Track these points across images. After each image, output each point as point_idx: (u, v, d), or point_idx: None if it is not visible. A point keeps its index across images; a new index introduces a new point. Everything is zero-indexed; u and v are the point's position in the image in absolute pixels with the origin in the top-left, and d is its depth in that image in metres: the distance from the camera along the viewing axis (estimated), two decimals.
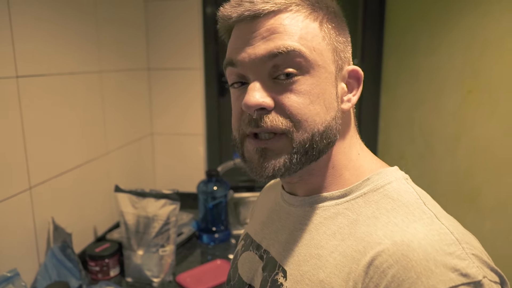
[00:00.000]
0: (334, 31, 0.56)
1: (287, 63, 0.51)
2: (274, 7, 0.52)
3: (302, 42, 0.52)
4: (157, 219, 1.30)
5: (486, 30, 1.38)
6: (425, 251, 0.45)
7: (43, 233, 1.23)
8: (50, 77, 1.25)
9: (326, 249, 0.53)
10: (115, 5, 1.65)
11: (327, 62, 0.54)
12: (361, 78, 0.58)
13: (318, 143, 0.53)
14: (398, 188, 0.54)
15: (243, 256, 0.68)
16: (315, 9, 0.55)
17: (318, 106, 0.52)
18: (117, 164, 1.67)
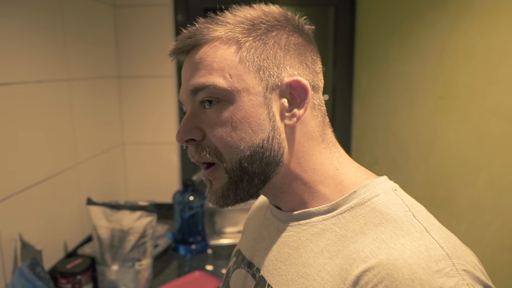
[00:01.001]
0: (261, 49, 0.54)
1: (207, 96, 0.54)
2: (194, 41, 0.55)
3: (218, 73, 0.53)
4: (133, 232, 1.25)
5: (455, 40, 1.42)
6: (411, 270, 0.43)
7: (10, 251, 1.15)
8: (15, 86, 1.18)
9: (313, 267, 0.51)
10: (82, 11, 1.59)
11: (250, 84, 0.53)
12: (306, 87, 0.55)
13: (250, 167, 0.54)
14: (386, 200, 0.52)
15: (235, 273, 0.66)
16: (236, 31, 0.54)
17: (242, 132, 0.53)
18: (87, 175, 1.61)
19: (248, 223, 0.74)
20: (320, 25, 2.25)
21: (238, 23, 0.54)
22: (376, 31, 1.97)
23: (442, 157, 1.52)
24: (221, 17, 0.56)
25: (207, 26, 0.55)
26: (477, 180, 1.35)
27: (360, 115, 2.17)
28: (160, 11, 1.88)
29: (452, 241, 0.48)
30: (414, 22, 1.65)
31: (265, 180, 0.55)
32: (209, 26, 0.55)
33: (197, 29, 0.55)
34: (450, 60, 1.45)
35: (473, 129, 1.36)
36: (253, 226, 0.69)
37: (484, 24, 1.29)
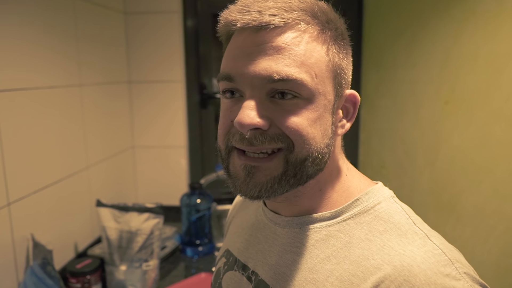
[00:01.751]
0: (338, 56, 0.53)
1: (287, 88, 0.49)
2: (281, 22, 0.49)
3: (304, 69, 0.49)
4: (140, 233, 1.28)
5: (460, 45, 1.43)
6: (426, 275, 0.46)
7: (22, 250, 1.19)
8: (29, 91, 1.23)
9: (321, 273, 0.52)
10: (95, 18, 1.64)
11: (328, 89, 0.52)
12: (358, 102, 0.57)
13: (309, 167, 0.52)
14: (388, 208, 0.55)
15: (227, 275, 0.65)
16: (324, 30, 0.52)
17: (315, 131, 0.51)
18: (98, 178, 1.65)
19: (234, 222, 0.73)
20: None
21: (324, 21, 0.52)
22: (382, 36, 1.98)
23: (447, 161, 1.52)
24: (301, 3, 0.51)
25: (291, 9, 0.50)
26: (482, 184, 1.35)
27: (368, 119, 2.18)
28: (170, 18, 1.93)
29: (448, 245, 0.52)
30: (419, 28, 1.66)
31: (305, 182, 0.53)
32: (294, 10, 0.50)
33: (280, 9, 0.50)
34: (455, 65, 1.46)
35: (477, 133, 1.36)
36: (243, 226, 0.68)
37: (488, 29, 1.30)
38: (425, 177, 1.66)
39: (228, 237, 0.72)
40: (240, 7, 0.51)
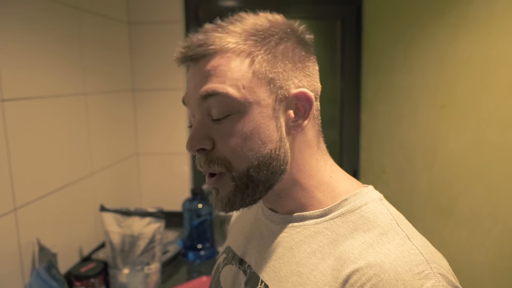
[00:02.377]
0: (272, 61, 0.56)
1: (218, 104, 0.55)
2: (206, 51, 0.55)
3: (229, 83, 0.54)
4: (142, 237, 1.32)
5: (454, 48, 1.45)
6: (395, 272, 0.49)
7: (28, 254, 1.23)
8: (35, 100, 1.28)
9: (306, 266, 0.56)
10: (99, 28, 1.70)
11: (261, 97, 0.55)
12: (311, 99, 0.58)
13: (256, 175, 0.56)
14: (373, 209, 0.57)
15: (225, 269, 0.69)
16: (249, 43, 0.56)
17: (252, 142, 0.55)
18: (102, 184, 1.69)
19: (237, 222, 0.77)
20: (328, 37, 2.31)
21: (249, 35, 0.56)
22: (381, 41, 2.01)
23: (444, 164, 1.54)
24: (231, 27, 0.57)
25: (219, 36, 0.56)
26: (477, 187, 1.37)
27: (368, 125, 2.20)
28: (172, 27, 1.98)
29: (430, 248, 0.54)
30: (416, 32, 1.69)
31: (269, 187, 0.58)
32: (220, 36, 0.56)
33: (208, 37, 0.56)
34: (450, 69, 1.48)
35: (472, 137, 1.38)
36: (244, 225, 0.72)
37: (480, 33, 1.33)
38: (423, 181, 1.68)
39: (230, 235, 0.77)
40: (180, 47, 0.58)
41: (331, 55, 2.26)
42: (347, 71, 2.23)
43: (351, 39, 2.19)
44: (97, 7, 1.67)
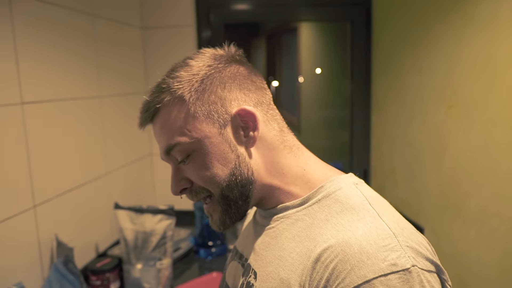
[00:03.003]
0: (202, 97, 0.62)
1: (178, 152, 0.63)
2: (150, 114, 0.64)
3: (178, 132, 0.62)
4: (155, 234, 1.37)
5: (460, 50, 1.47)
6: (360, 246, 0.52)
7: (47, 249, 1.30)
8: (53, 103, 1.34)
9: (286, 250, 0.60)
10: (113, 33, 1.76)
11: (207, 130, 0.62)
12: (251, 112, 0.63)
13: (230, 194, 0.64)
14: (347, 192, 0.61)
15: (230, 265, 0.76)
16: (175, 94, 0.62)
17: (215, 169, 0.62)
18: (118, 183, 1.75)
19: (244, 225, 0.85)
20: (338, 39, 2.33)
21: (178, 84, 0.63)
22: (390, 43, 2.03)
23: (452, 164, 1.55)
24: (163, 84, 0.64)
25: (155, 95, 0.64)
26: (484, 186, 1.38)
27: (378, 125, 2.22)
28: (184, 31, 2.03)
29: (402, 225, 0.57)
30: (423, 34, 1.71)
31: (246, 199, 0.65)
32: (157, 95, 0.64)
33: (149, 101, 0.64)
34: (457, 70, 1.49)
35: (479, 136, 1.39)
36: (247, 226, 0.80)
37: (485, 35, 1.34)
38: (432, 181, 1.69)
39: (238, 238, 0.83)
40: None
41: (341, 57, 2.29)
42: (357, 72, 2.25)
43: (361, 41, 2.21)
44: (111, 14, 1.74)
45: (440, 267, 0.55)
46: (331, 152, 2.46)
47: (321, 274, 0.53)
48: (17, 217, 1.18)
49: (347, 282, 0.50)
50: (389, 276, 0.49)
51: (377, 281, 0.49)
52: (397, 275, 0.49)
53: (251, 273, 0.65)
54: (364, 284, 0.49)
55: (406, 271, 0.50)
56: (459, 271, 1.54)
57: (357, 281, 0.49)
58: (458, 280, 1.54)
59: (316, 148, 0.82)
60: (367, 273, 0.49)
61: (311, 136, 2.41)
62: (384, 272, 0.49)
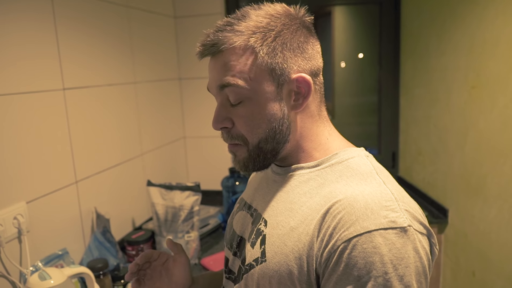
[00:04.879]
0: (272, 53, 0.66)
1: (232, 93, 0.67)
2: (218, 49, 0.67)
3: (240, 76, 0.66)
4: (183, 209, 1.48)
5: (483, 30, 1.46)
6: (366, 202, 0.59)
7: (88, 220, 1.45)
8: (91, 89, 1.48)
9: (297, 204, 0.68)
10: (147, 23, 1.88)
11: (265, 84, 0.66)
12: (309, 81, 0.68)
13: (265, 146, 0.69)
14: (358, 161, 0.69)
15: (238, 215, 0.83)
16: (251, 40, 0.66)
17: (260, 121, 0.67)
18: (152, 164, 1.89)
19: (252, 179, 0.91)
20: (368, 24, 2.34)
21: (251, 33, 0.66)
22: (416, 25, 2.02)
23: (475, 145, 1.55)
24: (237, 26, 0.66)
25: (227, 36, 0.66)
26: (504, 166, 1.38)
27: (406, 108, 2.22)
28: (214, 19, 2.10)
29: (403, 194, 0.64)
30: (448, 14, 1.70)
31: (276, 154, 0.71)
32: (228, 36, 0.66)
33: (218, 37, 0.66)
34: (479, 49, 1.49)
35: (500, 116, 1.39)
36: (256, 180, 0.86)
37: (508, 14, 1.33)
38: (456, 162, 1.70)
39: (245, 191, 0.90)
40: (198, 44, 0.70)
41: (373, 42, 2.29)
42: (386, 55, 2.25)
43: (389, 24, 2.21)
44: (145, 4, 1.85)
45: (431, 231, 0.62)
46: (361, 137, 2.49)
47: (329, 223, 0.61)
48: (62, 191, 1.33)
49: (351, 230, 0.58)
50: (388, 230, 0.57)
51: (377, 233, 0.56)
52: (394, 231, 0.57)
53: (261, 221, 0.72)
54: (365, 233, 0.57)
55: (403, 229, 0.57)
56: (481, 249, 1.55)
57: (360, 230, 0.57)
58: (481, 258, 1.55)
59: (348, 134, 0.90)
60: (369, 225, 0.57)
61: (344, 122, 2.44)
62: (384, 226, 0.57)
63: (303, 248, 0.63)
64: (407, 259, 0.56)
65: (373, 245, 0.56)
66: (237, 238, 0.79)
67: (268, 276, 0.66)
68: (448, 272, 1.83)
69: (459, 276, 1.73)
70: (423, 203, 2.02)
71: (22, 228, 1.14)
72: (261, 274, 0.67)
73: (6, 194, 1.12)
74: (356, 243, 0.57)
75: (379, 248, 0.56)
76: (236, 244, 0.78)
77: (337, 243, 0.58)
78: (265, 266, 0.67)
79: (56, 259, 1.27)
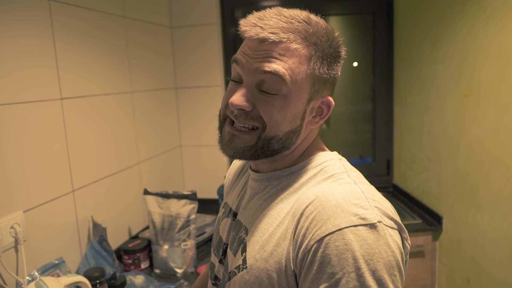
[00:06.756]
0: (320, 69, 0.68)
1: (271, 82, 0.66)
2: (278, 39, 0.65)
3: (289, 72, 0.66)
4: (179, 217, 1.49)
5: (473, 40, 1.49)
6: (336, 201, 0.61)
7: (84, 228, 1.45)
8: (88, 98, 1.49)
9: (275, 210, 0.70)
10: (144, 33, 1.90)
11: (303, 92, 0.68)
12: (331, 106, 0.72)
13: (274, 144, 0.70)
14: (332, 164, 0.72)
15: (223, 221, 0.85)
16: (311, 48, 0.67)
17: (284, 118, 0.68)
18: (148, 172, 1.90)
19: (233, 180, 0.93)
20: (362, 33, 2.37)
21: (312, 42, 0.67)
22: (410, 33, 2.05)
23: (467, 152, 1.58)
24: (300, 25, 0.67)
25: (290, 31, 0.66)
26: (496, 173, 1.40)
27: (400, 116, 2.25)
28: (210, 29, 2.14)
29: (373, 192, 0.66)
30: (439, 23, 1.73)
31: (273, 155, 0.72)
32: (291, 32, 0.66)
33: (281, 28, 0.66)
34: (470, 58, 1.52)
35: (491, 124, 1.42)
36: (239, 185, 0.87)
37: (497, 23, 1.36)
38: (449, 169, 1.72)
39: (229, 194, 0.92)
40: (251, 21, 0.68)
41: (366, 51, 2.33)
42: (380, 64, 2.28)
43: (382, 33, 2.25)
44: (142, 14, 1.87)
45: (401, 226, 0.64)
46: (356, 145, 2.51)
47: (302, 223, 0.63)
48: (59, 200, 1.33)
49: (323, 229, 0.59)
50: (358, 227, 0.59)
51: (348, 230, 0.58)
52: (365, 227, 0.59)
53: (242, 229, 0.75)
54: (337, 231, 0.59)
55: (373, 225, 0.59)
56: (474, 256, 1.57)
57: (331, 229, 0.59)
58: (473, 264, 1.57)
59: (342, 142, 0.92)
60: (340, 223, 0.59)
61: (339, 131, 2.47)
62: (354, 223, 0.59)
63: (282, 252, 0.64)
64: (379, 253, 0.58)
65: (345, 242, 0.58)
66: (224, 245, 0.81)
67: (249, 282, 0.67)
68: (443, 279, 1.84)
69: (453, 283, 1.74)
70: (418, 211, 2.04)
71: (19, 237, 1.15)
72: (242, 281, 0.69)
73: (4, 203, 1.13)
74: (329, 241, 0.58)
75: (350, 245, 0.57)
76: (222, 252, 0.80)
77: (310, 243, 0.60)
78: (246, 273, 0.68)
79: (53, 268, 1.27)
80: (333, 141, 2.36)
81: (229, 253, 0.76)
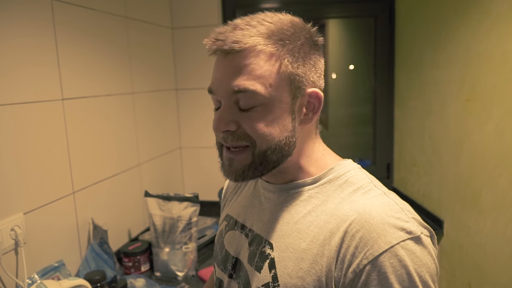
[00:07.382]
0: (293, 65, 0.65)
1: (246, 99, 0.64)
2: (240, 48, 0.63)
3: (260, 81, 0.63)
4: (181, 220, 1.48)
5: (477, 44, 1.49)
6: (381, 217, 0.61)
7: (85, 231, 1.43)
8: (90, 99, 1.47)
9: (304, 224, 0.68)
10: (145, 34, 1.88)
11: (282, 94, 0.65)
12: (321, 98, 0.69)
13: (271, 156, 0.67)
14: (355, 175, 0.70)
15: (228, 234, 0.81)
16: (277, 45, 0.64)
17: (272, 129, 0.65)
18: (148, 174, 1.88)
19: (233, 191, 0.89)
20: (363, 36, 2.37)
21: (278, 39, 0.64)
22: (412, 37, 2.05)
23: (470, 157, 1.57)
24: (261, 28, 0.64)
25: (251, 36, 0.63)
26: (500, 177, 1.40)
27: (401, 119, 2.24)
28: (211, 30, 2.13)
29: (401, 201, 0.67)
30: (442, 27, 1.73)
31: (276, 166, 0.69)
32: (253, 36, 0.63)
33: (241, 35, 0.63)
34: (474, 63, 1.52)
35: (495, 129, 1.41)
36: (243, 196, 0.84)
37: (501, 27, 1.36)
38: (451, 173, 1.72)
39: (229, 206, 0.88)
40: (213, 36, 0.67)
41: (367, 54, 2.33)
42: (380, 67, 2.28)
43: (384, 36, 2.24)
44: (143, 15, 1.86)
45: (432, 232, 0.65)
46: (356, 148, 2.50)
47: (348, 242, 0.61)
48: (59, 202, 1.31)
49: (376, 248, 0.59)
50: (406, 241, 0.59)
51: (399, 246, 0.59)
52: (412, 241, 0.60)
53: (265, 244, 0.71)
54: (390, 248, 0.59)
55: (418, 238, 0.61)
56: (476, 261, 1.56)
57: (384, 247, 0.59)
58: (477, 270, 1.56)
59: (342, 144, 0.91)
60: (391, 239, 0.59)
61: (338, 133, 2.46)
62: (403, 238, 0.60)
63: (321, 270, 0.63)
64: (425, 264, 0.60)
65: (398, 258, 0.58)
66: (232, 259, 0.78)
67: None
68: (444, 283, 1.84)
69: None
70: (418, 215, 2.03)
71: (19, 240, 1.13)
72: None
73: (4, 205, 1.11)
74: (383, 259, 0.59)
75: (404, 261, 0.58)
76: (231, 266, 0.77)
77: (363, 262, 0.59)
78: None
79: (53, 271, 1.25)
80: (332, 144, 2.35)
81: (249, 269, 0.72)
